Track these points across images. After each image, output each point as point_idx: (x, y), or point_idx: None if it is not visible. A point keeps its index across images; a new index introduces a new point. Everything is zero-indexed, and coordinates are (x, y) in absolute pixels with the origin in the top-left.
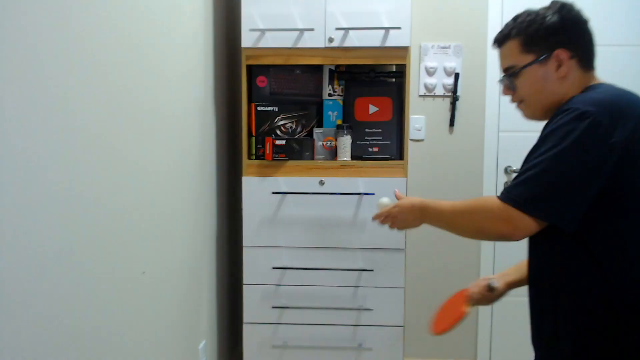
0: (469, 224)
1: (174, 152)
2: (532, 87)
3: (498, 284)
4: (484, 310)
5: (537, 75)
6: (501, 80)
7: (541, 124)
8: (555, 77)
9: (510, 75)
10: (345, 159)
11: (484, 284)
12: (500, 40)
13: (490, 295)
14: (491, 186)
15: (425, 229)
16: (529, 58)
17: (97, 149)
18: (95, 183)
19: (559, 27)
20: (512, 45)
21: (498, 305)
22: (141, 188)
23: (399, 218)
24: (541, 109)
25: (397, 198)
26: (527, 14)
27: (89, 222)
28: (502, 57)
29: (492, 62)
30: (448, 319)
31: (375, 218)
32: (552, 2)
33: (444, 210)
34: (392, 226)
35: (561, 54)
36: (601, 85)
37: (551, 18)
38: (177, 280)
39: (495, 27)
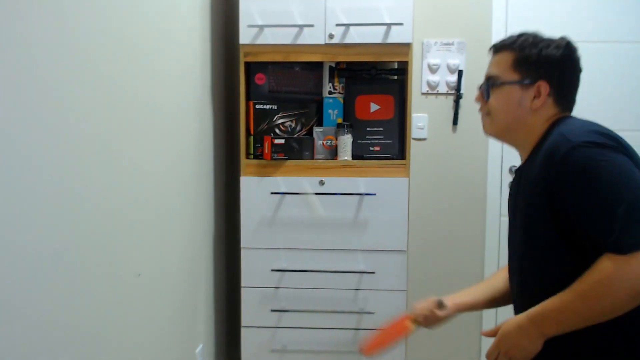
0: (612, 300)
1: (170, 152)
2: (504, 105)
3: (447, 303)
4: (487, 314)
5: (514, 96)
6: (480, 86)
7: None
8: (529, 106)
9: (490, 85)
10: (345, 158)
11: (433, 301)
12: (498, 48)
13: (438, 314)
14: (495, 186)
15: (426, 228)
16: (514, 77)
17: (91, 148)
18: (90, 183)
19: (554, 61)
20: (506, 57)
21: (503, 308)
22: (136, 188)
23: (512, 350)
24: (503, 129)
25: (491, 335)
26: (534, 36)
27: (83, 223)
28: (492, 64)
29: None
30: (387, 336)
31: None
32: (561, 38)
33: (567, 306)
34: None
35: (542, 86)
36: (571, 118)
37: (552, 50)
38: (173, 282)
39: (499, 23)
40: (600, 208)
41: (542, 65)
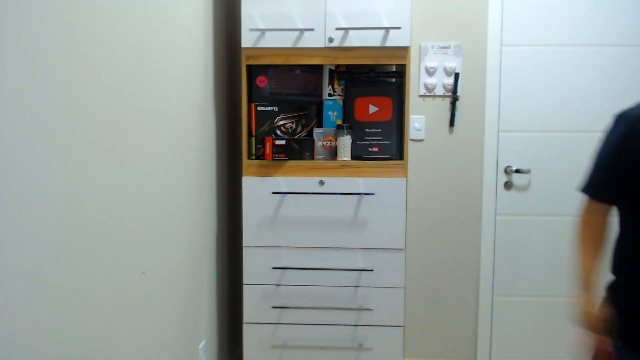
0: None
1: (174, 153)
2: None
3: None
4: (483, 310)
5: None
6: None
7: (534, 125)
8: None
9: None
10: (345, 159)
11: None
12: None
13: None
14: (491, 186)
15: (424, 227)
16: None
17: (95, 150)
18: (94, 184)
19: None
20: None
21: (498, 305)
22: (141, 188)
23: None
24: None
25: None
26: None
27: (89, 223)
28: None
29: (492, 62)
30: None
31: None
32: None
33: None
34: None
35: None
36: None
37: None
38: (177, 280)
39: (495, 27)
40: None
41: None
